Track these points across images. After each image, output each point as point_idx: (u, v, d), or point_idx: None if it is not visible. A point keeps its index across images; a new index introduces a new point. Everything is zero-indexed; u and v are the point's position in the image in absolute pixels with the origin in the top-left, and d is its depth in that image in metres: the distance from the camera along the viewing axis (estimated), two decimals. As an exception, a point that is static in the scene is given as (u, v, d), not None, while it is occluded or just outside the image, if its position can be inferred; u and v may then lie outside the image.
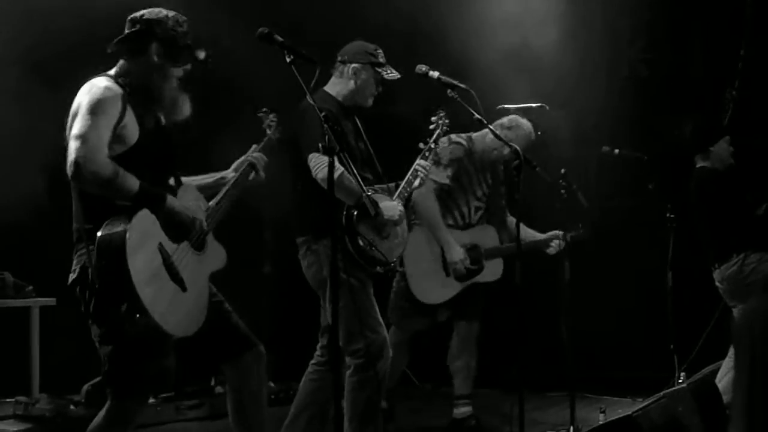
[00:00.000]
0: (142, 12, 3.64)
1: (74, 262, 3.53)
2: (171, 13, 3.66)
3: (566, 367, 5.42)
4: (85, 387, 5.95)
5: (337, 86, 4.73)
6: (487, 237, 5.80)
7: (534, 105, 5.47)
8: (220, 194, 3.84)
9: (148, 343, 3.43)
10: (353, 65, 4.69)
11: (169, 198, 3.51)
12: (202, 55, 3.68)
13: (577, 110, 7.06)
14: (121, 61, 3.65)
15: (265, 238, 7.40)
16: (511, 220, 5.85)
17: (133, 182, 3.40)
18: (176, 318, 3.43)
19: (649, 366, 6.50)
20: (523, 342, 4.75)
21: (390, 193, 4.74)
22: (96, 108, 3.42)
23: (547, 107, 5.45)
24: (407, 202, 4.77)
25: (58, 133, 6.39)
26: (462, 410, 5.87)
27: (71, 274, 3.52)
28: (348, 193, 4.38)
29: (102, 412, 3.62)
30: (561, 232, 5.69)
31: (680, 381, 5.43)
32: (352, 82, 4.70)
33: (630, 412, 4.64)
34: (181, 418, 6.12)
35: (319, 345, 4.82)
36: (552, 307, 5.68)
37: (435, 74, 4.64)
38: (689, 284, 6.08)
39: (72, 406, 5.85)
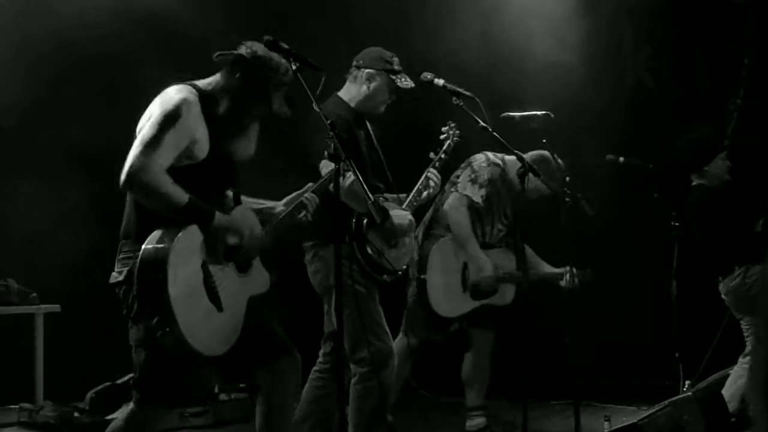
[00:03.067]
0: (257, 46, 3.61)
1: (119, 263, 3.51)
2: (276, 61, 3.61)
3: (571, 376, 5.41)
4: (90, 394, 5.93)
5: (351, 91, 4.73)
6: (507, 260, 5.75)
7: (539, 113, 5.44)
8: (270, 226, 3.77)
9: (181, 355, 3.41)
10: (367, 70, 4.69)
11: (218, 215, 3.48)
12: (288, 113, 3.66)
13: (582, 118, 7.06)
14: (218, 74, 3.62)
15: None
16: (529, 252, 5.81)
17: (182, 197, 3.38)
18: (207, 337, 3.42)
19: (654, 374, 6.48)
20: (528, 350, 4.75)
21: (400, 203, 4.74)
22: (167, 121, 3.40)
23: (552, 115, 5.43)
24: (416, 211, 4.77)
25: (57, 134, 6.45)
26: (476, 422, 5.80)
27: (115, 274, 3.51)
28: (358, 201, 4.37)
29: (122, 416, 3.63)
30: (572, 268, 5.68)
31: (685, 389, 5.42)
32: (365, 87, 4.69)
33: (635, 420, 4.64)
34: (186, 425, 6.11)
35: (321, 351, 4.81)
36: (556, 315, 5.67)
37: (440, 82, 4.64)
38: (694, 292, 6.06)
39: (76, 414, 5.84)
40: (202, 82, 3.61)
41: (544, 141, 5.47)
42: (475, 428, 5.81)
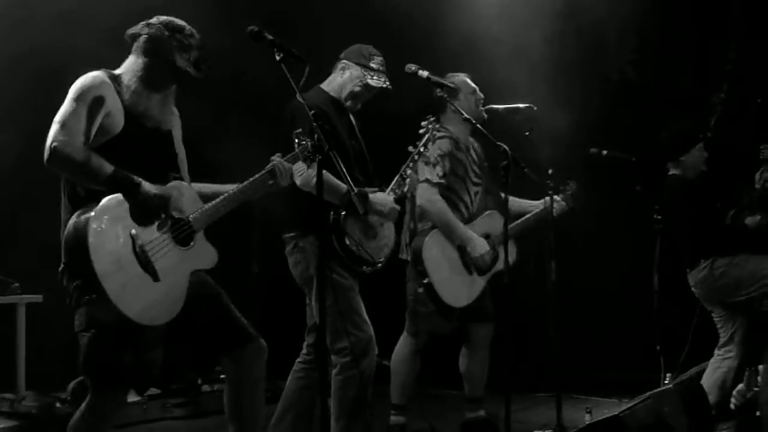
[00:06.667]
0: (156, 17, 3.68)
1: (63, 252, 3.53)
2: (178, 24, 3.67)
3: (553, 368, 5.43)
4: (72, 384, 5.93)
5: (331, 83, 4.77)
6: (496, 223, 5.55)
7: (522, 105, 5.46)
8: (221, 197, 3.73)
9: (124, 334, 3.43)
10: (343, 61, 4.75)
11: (145, 183, 3.48)
12: (195, 72, 3.67)
13: (565, 111, 7.07)
14: (129, 58, 3.68)
15: (253, 236, 7.39)
16: (511, 199, 5.60)
17: (105, 167, 3.41)
18: (143, 306, 3.41)
19: (636, 366, 6.51)
20: (510, 342, 4.76)
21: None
22: (79, 95, 3.47)
23: (535, 108, 5.45)
24: (397, 201, 4.75)
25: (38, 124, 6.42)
26: (476, 414, 5.68)
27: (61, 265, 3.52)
28: (331, 193, 4.37)
29: (82, 406, 3.63)
30: (551, 197, 5.65)
31: (666, 381, 5.45)
32: (339, 78, 4.73)
33: (616, 413, 4.66)
34: (168, 416, 6.11)
35: (305, 343, 4.81)
36: (539, 307, 5.69)
37: (424, 74, 4.65)
38: (675, 285, 6.09)
39: (58, 404, 5.83)
40: (117, 70, 3.66)
41: (527, 133, 5.49)
42: (473, 419, 5.70)
